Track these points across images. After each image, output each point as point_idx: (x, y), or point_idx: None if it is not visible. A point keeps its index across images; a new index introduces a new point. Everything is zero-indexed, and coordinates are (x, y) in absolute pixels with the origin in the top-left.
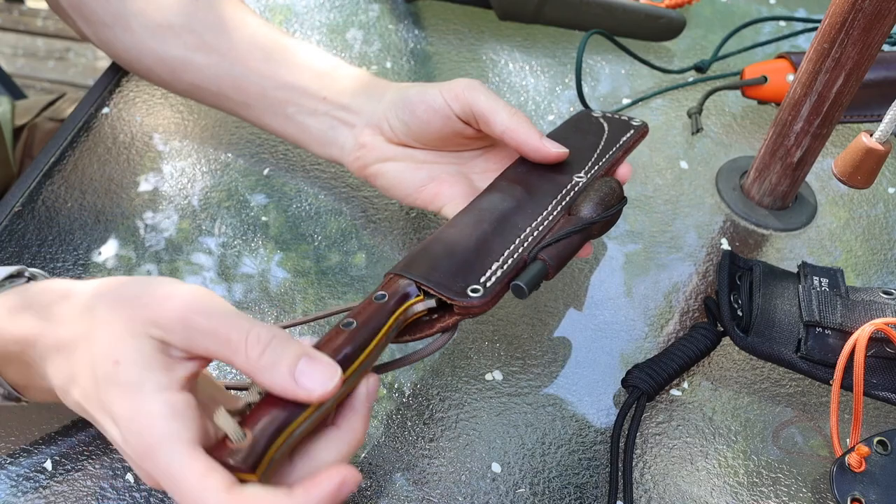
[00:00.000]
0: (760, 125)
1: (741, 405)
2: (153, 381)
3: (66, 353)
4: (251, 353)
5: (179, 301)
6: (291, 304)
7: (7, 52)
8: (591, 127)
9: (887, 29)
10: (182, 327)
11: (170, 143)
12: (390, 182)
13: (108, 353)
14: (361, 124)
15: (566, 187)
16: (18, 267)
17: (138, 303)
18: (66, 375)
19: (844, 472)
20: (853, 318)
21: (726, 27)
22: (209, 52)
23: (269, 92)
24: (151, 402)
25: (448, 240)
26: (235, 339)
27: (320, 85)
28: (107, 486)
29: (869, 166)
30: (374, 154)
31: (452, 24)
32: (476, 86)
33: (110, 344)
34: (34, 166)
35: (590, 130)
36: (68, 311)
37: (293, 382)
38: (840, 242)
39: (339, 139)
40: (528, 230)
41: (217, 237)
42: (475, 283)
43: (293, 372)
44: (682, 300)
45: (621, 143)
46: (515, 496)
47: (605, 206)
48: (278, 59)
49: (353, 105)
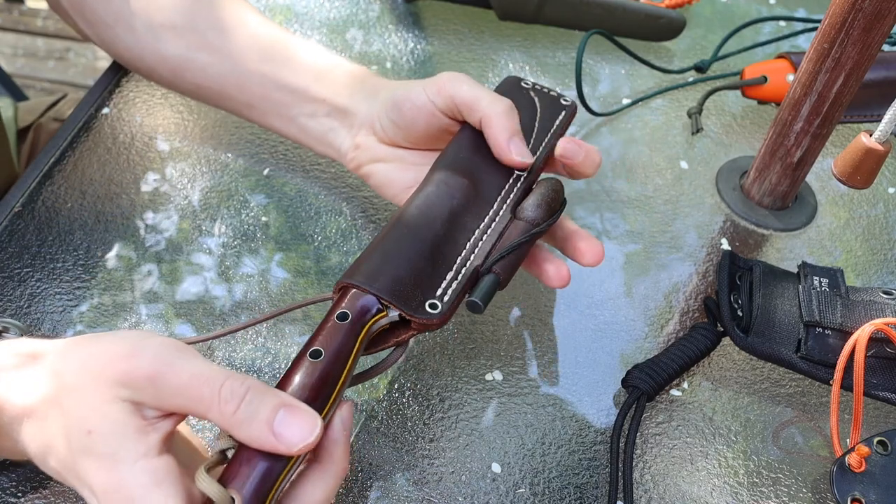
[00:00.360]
0: (760, 125)
1: (741, 405)
2: (130, 449)
3: (38, 422)
4: (225, 409)
5: (147, 358)
6: None
7: (7, 52)
8: (522, 101)
9: (887, 29)
10: (152, 386)
11: (170, 143)
12: (380, 182)
13: (79, 424)
14: (357, 125)
15: (509, 181)
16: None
17: (105, 363)
18: (40, 443)
19: (844, 473)
20: (853, 318)
21: (726, 27)
22: (212, 51)
23: (271, 93)
24: (131, 473)
25: (402, 244)
26: (208, 395)
27: (320, 86)
28: None
29: (869, 166)
30: (367, 154)
31: (452, 24)
32: (459, 77)
33: (81, 413)
34: (34, 166)
35: (522, 105)
36: (35, 377)
37: (272, 437)
38: (840, 242)
39: (338, 140)
40: (478, 233)
41: (217, 237)
42: (432, 296)
43: (272, 425)
44: (682, 300)
45: (555, 127)
46: (515, 496)
47: (551, 210)
48: (280, 59)
49: (350, 106)
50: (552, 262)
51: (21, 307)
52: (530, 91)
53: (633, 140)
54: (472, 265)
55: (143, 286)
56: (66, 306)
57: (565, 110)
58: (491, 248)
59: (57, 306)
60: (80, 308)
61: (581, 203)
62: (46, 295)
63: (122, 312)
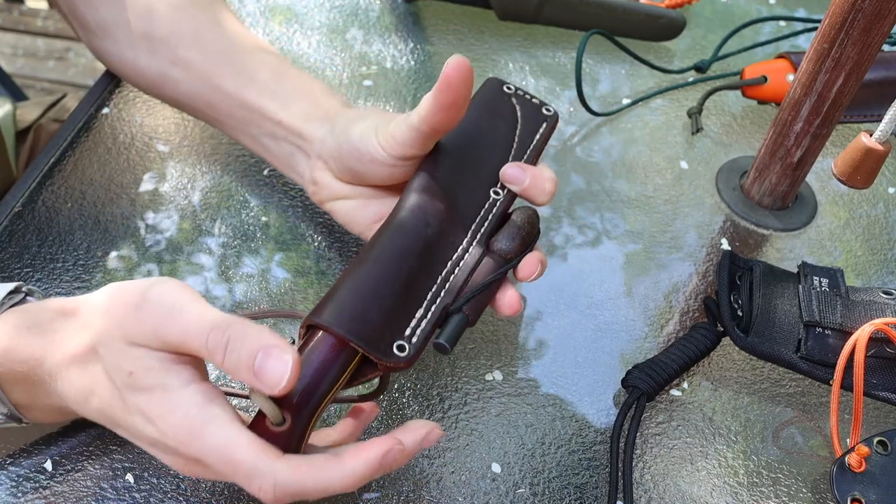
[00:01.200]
0: (760, 125)
1: (741, 405)
2: (175, 378)
3: (78, 367)
4: (215, 360)
5: (148, 312)
6: (292, 304)
7: (7, 52)
8: (503, 109)
9: (887, 29)
10: (157, 339)
11: (170, 143)
12: (344, 220)
13: (118, 367)
14: (314, 154)
15: (484, 207)
16: (16, 283)
17: (122, 317)
18: (81, 387)
19: (844, 473)
20: (853, 318)
21: (726, 27)
22: (183, 66)
23: (234, 111)
24: (183, 395)
25: (373, 280)
26: (198, 348)
27: (276, 106)
28: (107, 487)
29: (869, 166)
30: (325, 192)
31: (452, 24)
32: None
33: (116, 359)
34: (34, 167)
35: (502, 114)
36: (71, 329)
37: (256, 380)
38: (840, 242)
39: (299, 167)
40: (450, 266)
41: (217, 237)
42: (400, 336)
43: (252, 370)
44: (682, 300)
45: (535, 141)
46: (515, 496)
47: (524, 243)
48: (245, 75)
49: (305, 132)
50: (502, 290)
51: None
52: (512, 97)
53: (633, 140)
54: (441, 303)
55: None
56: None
57: (547, 122)
58: (462, 284)
59: None
60: None
61: (581, 203)
62: (46, 295)
63: None
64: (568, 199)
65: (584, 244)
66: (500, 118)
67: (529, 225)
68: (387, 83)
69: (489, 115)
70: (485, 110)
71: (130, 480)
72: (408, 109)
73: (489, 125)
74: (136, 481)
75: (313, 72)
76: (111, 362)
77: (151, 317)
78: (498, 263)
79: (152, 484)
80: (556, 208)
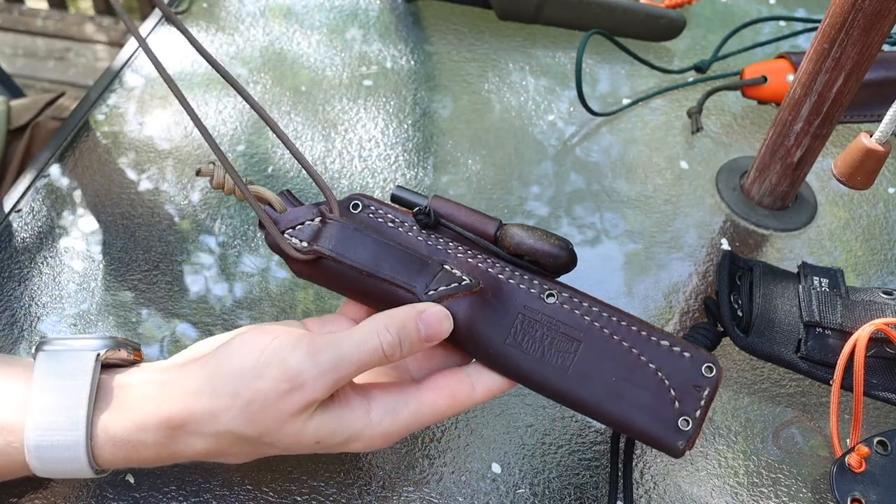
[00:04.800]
0: (760, 125)
1: (741, 405)
2: (359, 414)
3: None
4: (394, 359)
5: (313, 375)
6: (292, 304)
7: (7, 52)
8: None
9: (887, 29)
10: (332, 387)
11: (170, 142)
12: None
13: (300, 444)
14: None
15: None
16: (112, 338)
17: (275, 414)
18: (229, 455)
19: (844, 473)
20: (853, 319)
21: (726, 27)
22: None
23: None
24: (371, 421)
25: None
26: (377, 360)
27: None
28: (107, 487)
29: (869, 167)
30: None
31: (452, 24)
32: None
33: (298, 438)
34: (34, 166)
35: None
36: (195, 442)
37: (426, 344)
38: (840, 242)
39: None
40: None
41: (218, 236)
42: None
43: (422, 339)
44: (682, 300)
45: None
46: (515, 496)
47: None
48: None
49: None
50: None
51: (21, 307)
52: None
53: (633, 140)
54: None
55: (143, 286)
56: (66, 306)
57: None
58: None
59: (57, 306)
60: (80, 307)
61: (581, 203)
62: (46, 295)
63: (123, 312)
64: (567, 198)
65: (583, 244)
66: None
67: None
68: (387, 83)
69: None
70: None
71: (130, 480)
72: (408, 109)
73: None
74: (136, 481)
75: (313, 72)
76: (285, 444)
77: (323, 376)
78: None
79: (152, 484)
80: (556, 207)
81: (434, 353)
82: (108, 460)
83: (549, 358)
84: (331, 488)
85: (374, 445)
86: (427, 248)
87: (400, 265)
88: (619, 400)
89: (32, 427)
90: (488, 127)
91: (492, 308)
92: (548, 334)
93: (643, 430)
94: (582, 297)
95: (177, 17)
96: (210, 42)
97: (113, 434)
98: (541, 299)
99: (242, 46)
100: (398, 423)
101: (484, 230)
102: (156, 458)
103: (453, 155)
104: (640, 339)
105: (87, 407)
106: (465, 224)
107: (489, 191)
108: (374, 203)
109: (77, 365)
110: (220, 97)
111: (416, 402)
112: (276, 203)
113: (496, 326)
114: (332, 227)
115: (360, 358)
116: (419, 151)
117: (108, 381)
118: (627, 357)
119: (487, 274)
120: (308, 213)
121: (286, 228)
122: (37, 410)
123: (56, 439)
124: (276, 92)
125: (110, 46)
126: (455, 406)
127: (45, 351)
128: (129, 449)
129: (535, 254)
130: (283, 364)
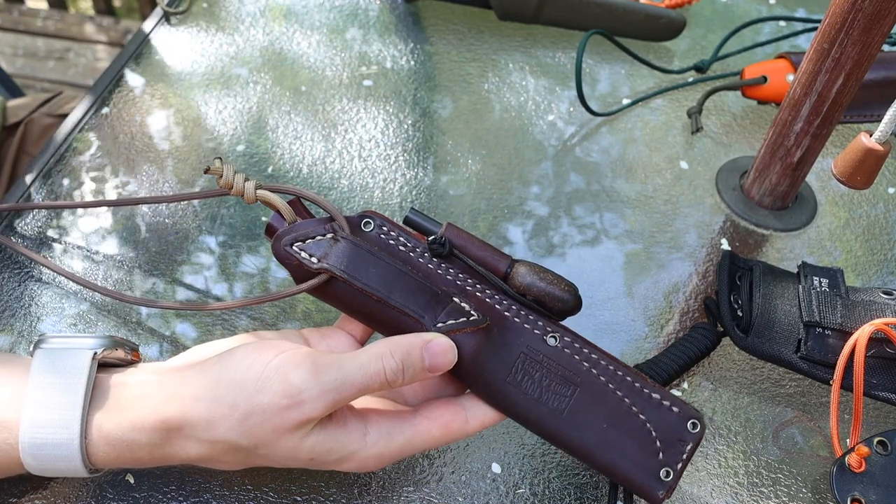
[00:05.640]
0: (760, 125)
1: (741, 405)
2: (355, 436)
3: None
4: (396, 384)
5: (314, 393)
6: (292, 304)
7: (7, 52)
8: None
9: (887, 29)
10: (333, 406)
11: (170, 142)
12: None
13: (295, 458)
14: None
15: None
16: (109, 338)
17: (271, 429)
18: (227, 462)
19: (844, 473)
20: (853, 319)
21: (726, 27)
22: None
23: None
24: (367, 441)
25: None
26: (378, 385)
27: None
28: (107, 487)
29: (869, 167)
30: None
31: (452, 24)
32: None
33: (293, 453)
34: (34, 166)
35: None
36: (190, 447)
37: (429, 373)
38: (840, 242)
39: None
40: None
41: (218, 236)
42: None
43: (426, 368)
44: (682, 300)
45: None
46: (515, 496)
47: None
48: None
49: None
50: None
51: (21, 307)
52: None
53: (633, 140)
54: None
55: (143, 285)
56: (65, 306)
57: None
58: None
59: (57, 306)
60: (80, 307)
61: (580, 202)
62: (46, 295)
63: (123, 312)
64: (567, 198)
65: (583, 244)
66: None
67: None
68: (387, 83)
69: None
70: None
71: (130, 480)
72: (408, 109)
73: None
74: (136, 481)
75: (313, 72)
76: (279, 458)
77: (324, 394)
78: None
79: (152, 484)
80: (556, 207)
81: (431, 381)
82: (102, 459)
83: (546, 399)
84: (331, 488)
85: (366, 467)
86: (438, 279)
87: (410, 294)
88: (607, 446)
89: (27, 424)
90: (488, 127)
91: (495, 345)
92: (546, 376)
93: (627, 476)
94: (583, 342)
95: None
96: (210, 42)
97: (107, 432)
98: (543, 341)
99: (242, 46)
100: (392, 447)
101: (495, 266)
102: (149, 458)
103: (453, 155)
104: (634, 390)
105: (82, 405)
106: (476, 258)
107: (489, 191)
108: (388, 224)
109: (73, 363)
110: (220, 97)
111: (412, 429)
112: (286, 212)
113: (499, 364)
114: (345, 246)
115: (363, 381)
116: (419, 151)
117: (104, 380)
118: (620, 406)
119: (494, 310)
120: (319, 228)
121: (295, 241)
122: (32, 407)
123: (50, 436)
124: (276, 92)
125: (110, 46)
126: (448, 436)
127: (42, 349)
128: (122, 448)
129: (545, 297)
130: (285, 380)
